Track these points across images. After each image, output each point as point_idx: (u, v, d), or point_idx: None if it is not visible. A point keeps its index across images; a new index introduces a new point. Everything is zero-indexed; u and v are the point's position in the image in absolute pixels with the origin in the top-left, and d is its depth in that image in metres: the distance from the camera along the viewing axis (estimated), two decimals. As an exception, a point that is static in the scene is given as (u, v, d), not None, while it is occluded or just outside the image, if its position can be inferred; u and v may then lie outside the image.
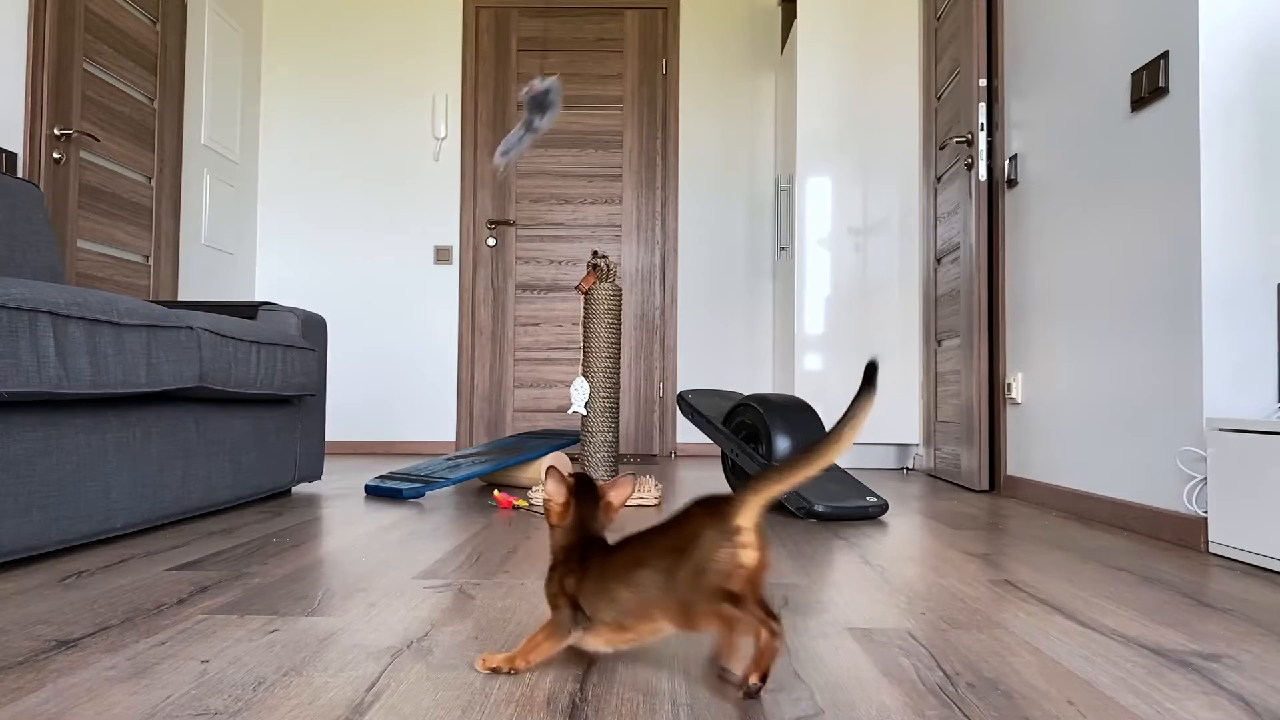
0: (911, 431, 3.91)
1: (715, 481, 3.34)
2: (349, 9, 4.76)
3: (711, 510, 0.93)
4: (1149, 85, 2.15)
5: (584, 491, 1.08)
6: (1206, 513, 1.92)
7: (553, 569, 1.04)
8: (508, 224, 4.71)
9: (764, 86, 4.73)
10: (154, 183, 3.67)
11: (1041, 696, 0.97)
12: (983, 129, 3.12)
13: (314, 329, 2.83)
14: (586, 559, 1.01)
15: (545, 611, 1.32)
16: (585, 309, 2.73)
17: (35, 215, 2.45)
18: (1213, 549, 1.88)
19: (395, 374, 4.69)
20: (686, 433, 4.69)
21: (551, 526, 1.08)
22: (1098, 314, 2.43)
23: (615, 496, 1.09)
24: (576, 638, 1.00)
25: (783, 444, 2.48)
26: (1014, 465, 3.00)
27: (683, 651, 1.12)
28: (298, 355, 2.58)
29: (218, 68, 4.23)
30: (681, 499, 2.76)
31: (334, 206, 4.73)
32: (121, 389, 1.76)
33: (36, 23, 2.98)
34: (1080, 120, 2.55)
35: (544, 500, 1.10)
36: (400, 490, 2.65)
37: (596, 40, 4.75)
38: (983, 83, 3.12)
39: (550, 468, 1.08)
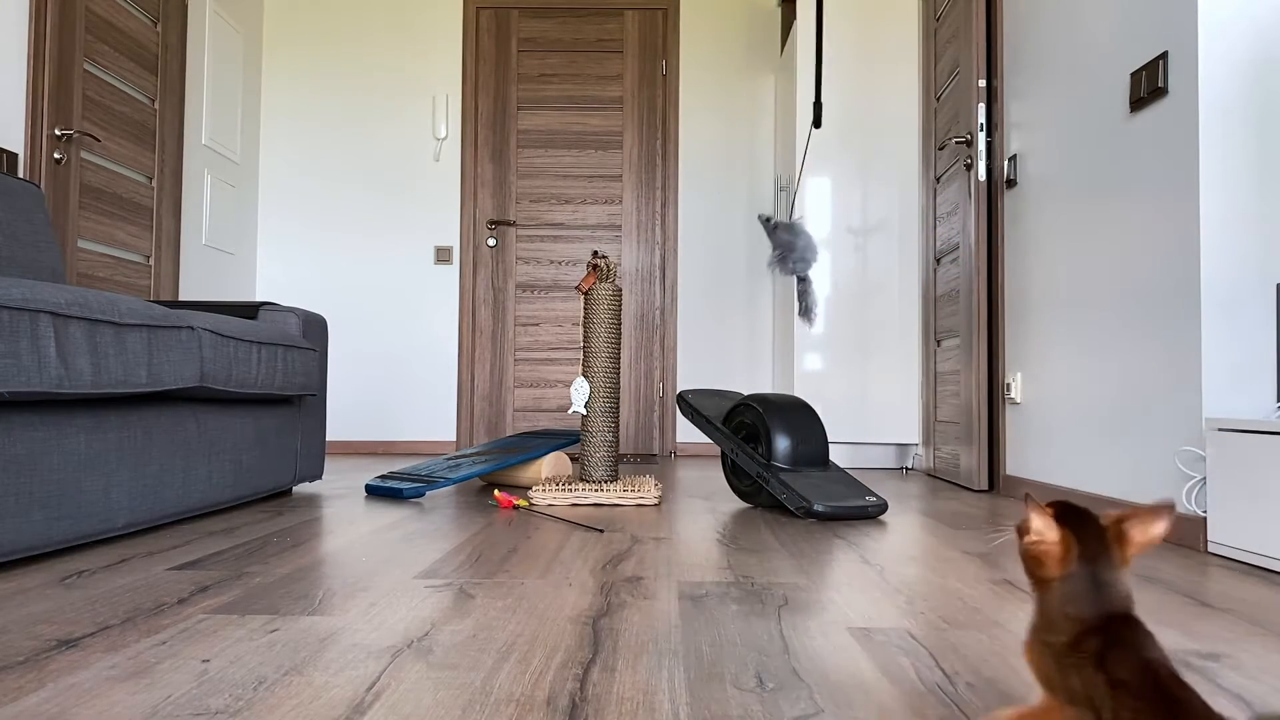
0: (911, 431, 3.92)
1: (715, 481, 3.34)
2: (350, 9, 4.76)
3: None
4: (1148, 85, 2.15)
5: (1086, 528, 0.74)
6: (1206, 512, 1.93)
7: (1042, 640, 0.74)
8: (508, 224, 4.71)
9: (764, 86, 4.73)
10: (155, 183, 3.67)
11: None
12: (982, 129, 3.12)
13: (314, 329, 2.83)
14: (1110, 652, 0.68)
15: (547, 613, 1.32)
16: (585, 309, 2.73)
17: (36, 215, 2.45)
18: (1212, 549, 1.89)
19: (396, 374, 4.69)
20: (686, 433, 4.69)
21: (1040, 581, 0.75)
22: (1097, 314, 2.43)
23: (1138, 532, 0.75)
24: None
25: (782, 444, 2.49)
26: (1013, 465, 3.00)
27: (683, 651, 1.13)
28: (298, 355, 2.59)
29: (218, 68, 4.24)
30: (682, 499, 2.76)
31: (335, 206, 4.73)
32: (122, 389, 1.76)
33: (37, 23, 2.98)
34: (1079, 120, 2.55)
35: (1028, 543, 0.76)
36: (401, 490, 2.65)
37: (596, 41, 4.75)
38: (982, 83, 3.12)
39: (1025, 494, 0.81)
